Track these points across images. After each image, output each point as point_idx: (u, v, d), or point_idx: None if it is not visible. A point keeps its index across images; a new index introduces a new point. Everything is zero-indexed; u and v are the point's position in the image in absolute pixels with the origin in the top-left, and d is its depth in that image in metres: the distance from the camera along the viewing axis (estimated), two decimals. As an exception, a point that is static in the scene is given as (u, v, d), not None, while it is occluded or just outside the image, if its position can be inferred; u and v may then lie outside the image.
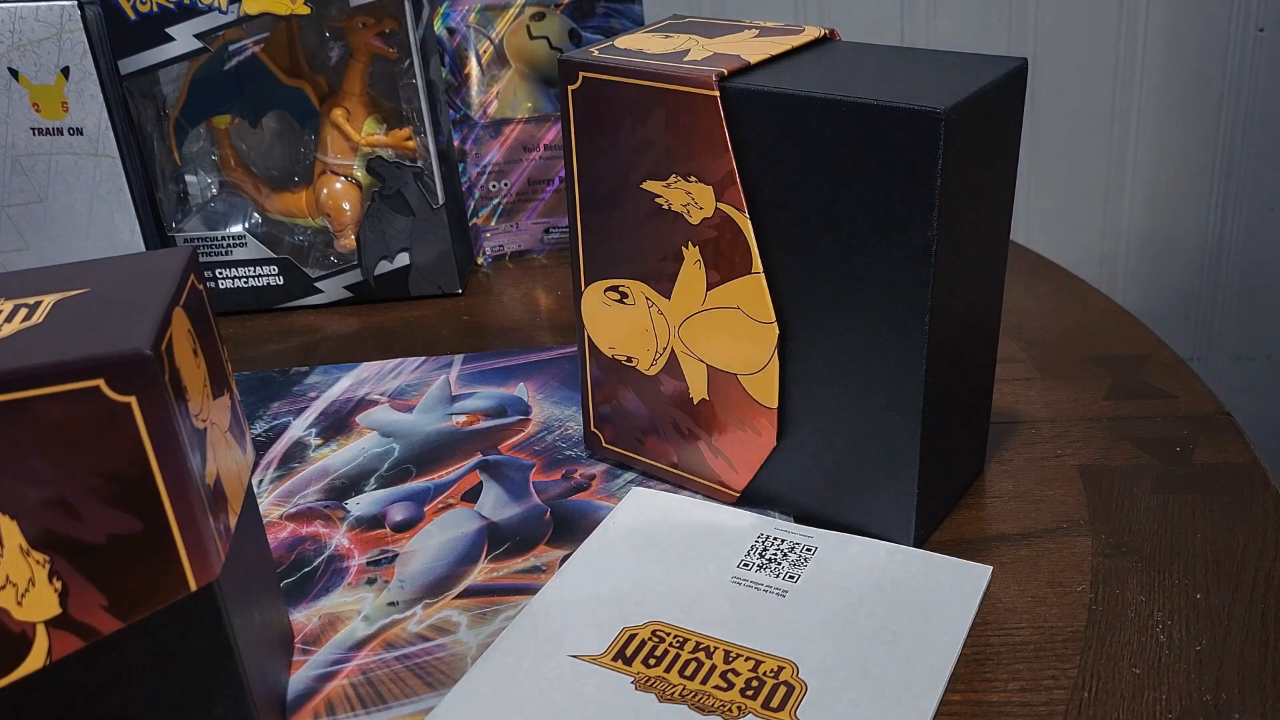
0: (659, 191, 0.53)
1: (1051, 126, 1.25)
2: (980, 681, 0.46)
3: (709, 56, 0.52)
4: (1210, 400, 0.64)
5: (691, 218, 0.53)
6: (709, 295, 0.54)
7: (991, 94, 0.48)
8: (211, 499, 0.38)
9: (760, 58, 0.52)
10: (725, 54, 0.52)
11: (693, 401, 0.57)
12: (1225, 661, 0.46)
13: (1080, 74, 1.23)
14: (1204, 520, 0.54)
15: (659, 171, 0.53)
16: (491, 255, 0.89)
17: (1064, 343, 0.71)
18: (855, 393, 0.52)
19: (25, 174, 0.78)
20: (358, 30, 0.79)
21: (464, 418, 0.67)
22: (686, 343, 0.56)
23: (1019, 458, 0.60)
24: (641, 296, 0.56)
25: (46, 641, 0.38)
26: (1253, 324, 1.35)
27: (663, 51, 0.53)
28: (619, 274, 0.57)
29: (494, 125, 0.85)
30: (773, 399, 0.54)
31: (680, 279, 0.55)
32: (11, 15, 0.74)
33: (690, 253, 0.54)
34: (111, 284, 0.39)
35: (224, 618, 0.39)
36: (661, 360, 0.57)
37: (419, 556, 0.56)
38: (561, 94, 0.54)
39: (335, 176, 0.82)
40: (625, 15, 0.84)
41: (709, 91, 0.50)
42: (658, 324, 0.56)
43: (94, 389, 0.35)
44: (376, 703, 0.47)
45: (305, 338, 0.79)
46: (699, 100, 0.50)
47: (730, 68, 0.50)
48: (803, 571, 0.52)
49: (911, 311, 0.48)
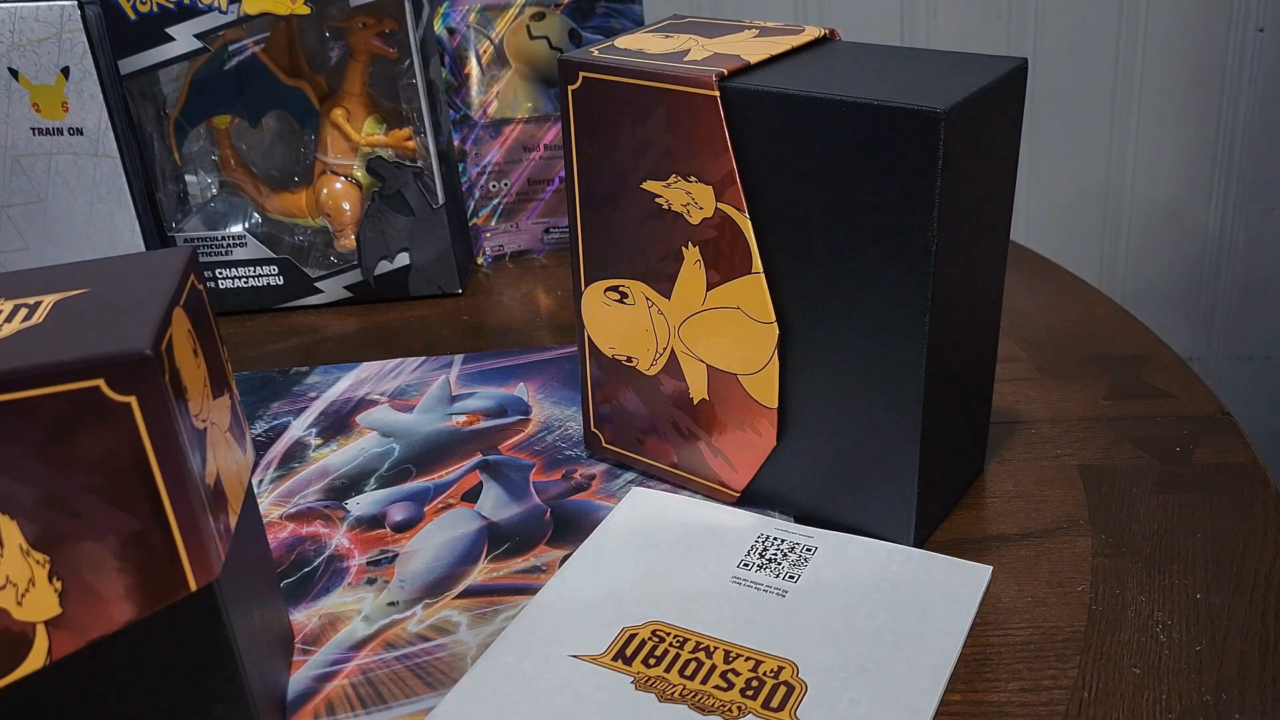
0: (659, 191, 0.53)
1: (1051, 126, 1.25)
2: (980, 681, 0.46)
3: (709, 56, 0.52)
4: (1210, 400, 0.64)
5: (691, 218, 0.53)
6: (709, 295, 0.54)
7: (991, 94, 0.48)
8: (211, 499, 0.38)
9: (760, 58, 0.52)
10: (725, 54, 0.52)
11: (693, 401, 0.57)
12: (1225, 661, 0.46)
13: (1080, 74, 1.23)
14: (1204, 520, 0.54)
15: (659, 171, 0.53)
16: (491, 255, 0.89)
17: (1064, 343, 0.71)
18: (855, 393, 0.52)
19: (25, 174, 0.78)
20: (358, 30, 0.79)
21: (464, 418, 0.67)
22: (686, 343, 0.56)
23: (1019, 458, 0.60)
24: (641, 296, 0.56)
25: (46, 641, 0.38)
26: (1253, 324, 1.35)
27: (663, 51, 0.53)
28: (619, 274, 0.57)
29: (494, 125, 0.85)
30: (773, 399, 0.54)
31: (680, 279, 0.55)
32: (11, 15, 0.74)
33: (690, 253, 0.54)
34: (111, 284, 0.39)
35: (224, 618, 0.39)
36: (661, 360, 0.57)
37: (419, 556, 0.56)
38: (562, 94, 0.54)
39: (335, 176, 0.82)
40: (625, 15, 0.84)
41: (709, 91, 0.50)
42: (658, 324, 0.56)
43: (94, 389, 0.35)
44: (376, 703, 0.47)
45: (305, 338, 0.79)
46: (699, 100, 0.50)
47: (730, 68, 0.50)
48: (803, 571, 0.52)
49: (911, 311, 0.48)
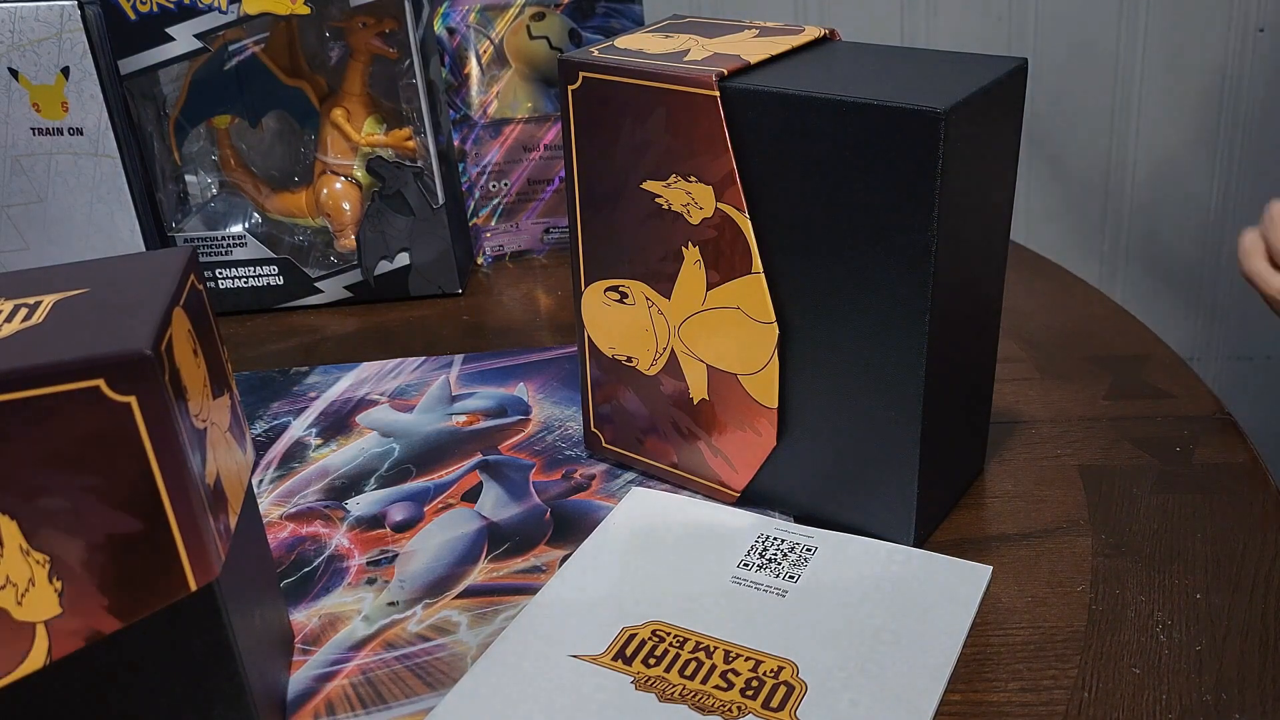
0: (659, 191, 0.53)
1: (1051, 126, 1.25)
2: (980, 681, 0.46)
3: (709, 56, 0.52)
4: (1210, 400, 0.64)
5: (691, 218, 0.53)
6: (709, 295, 0.54)
7: (991, 94, 0.48)
8: (211, 499, 0.38)
9: (760, 58, 0.52)
10: (725, 54, 0.52)
11: (693, 401, 0.57)
12: (1225, 661, 0.46)
13: (1080, 74, 1.23)
14: (1204, 520, 0.54)
15: (659, 171, 0.53)
16: (491, 255, 0.89)
17: (1064, 343, 0.71)
18: (855, 393, 0.52)
19: (25, 174, 0.78)
20: (358, 30, 0.79)
21: (464, 418, 0.67)
22: (687, 343, 0.56)
23: (1019, 458, 0.60)
24: (641, 296, 0.56)
25: (46, 641, 0.38)
26: (1253, 324, 1.35)
27: (663, 51, 0.53)
28: (619, 274, 0.57)
29: (494, 125, 0.85)
30: (772, 399, 0.54)
31: (680, 279, 0.55)
32: (11, 15, 0.74)
33: (690, 253, 0.54)
34: (111, 284, 0.39)
35: (224, 618, 0.39)
36: (661, 360, 0.57)
37: (419, 556, 0.56)
38: (561, 94, 0.54)
39: (335, 176, 0.82)
40: (625, 15, 0.84)
41: (709, 91, 0.50)
42: (658, 324, 0.56)
43: (94, 389, 0.35)
44: (376, 703, 0.47)
45: (305, 338, 0.79)
46: (699, 100, 0.50)
47: (730, 68, 0.50)
48: (802, 571, 0.52)
49: (911, 311, 0.48)
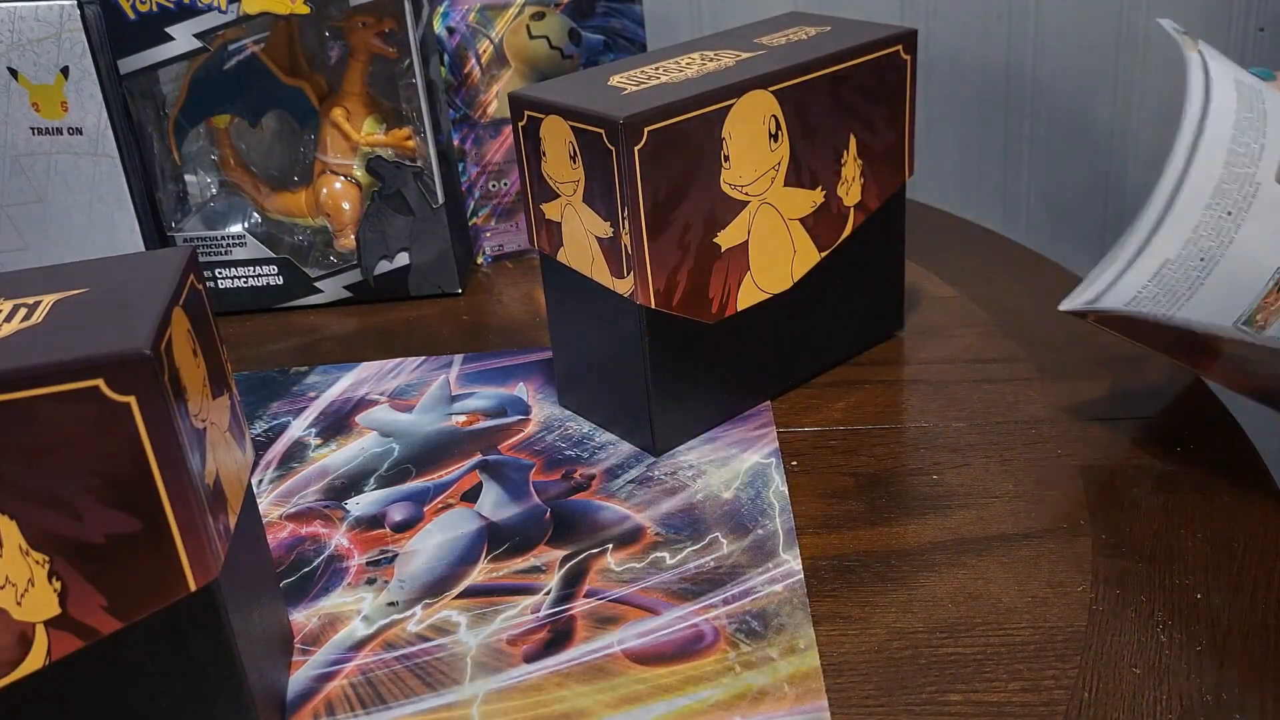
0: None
1: (1051, 126, 1.25)
2: (980, 681, 0.46)
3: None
4: (1210, 400, 0.64)
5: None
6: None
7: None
8: (211, 499, 0.38)
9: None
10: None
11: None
12: (1225, 661, 0.46)
13: (1080, 74, 1.23)
14: (1204, 520, 0.54)
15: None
16: (491, 255, 0.89)
17: (1064, 343, 0.71)
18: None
19: (25, 174, 0.78)
20: (358, 30, 0.79)
21: (464, 418, 0.67)
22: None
23: (1019, 458, 0.60)
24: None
25: (46, 641, 0.38)
26: (1253, 324, 1.34)
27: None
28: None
29: (494, 125, 0.85)
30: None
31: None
32: (11, 15, 0.74)
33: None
34: (111, 284, 0.39)
35: (224, 618, 0.39)
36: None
37: (419, 556, 0.56)
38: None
39: (335, 176, 0.82)
40: (625, 15, 0.84)
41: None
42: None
43: (93, 389, 0.35)
44: (376, 703, 0.47)
45: (305, 338, 0.79)
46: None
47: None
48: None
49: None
